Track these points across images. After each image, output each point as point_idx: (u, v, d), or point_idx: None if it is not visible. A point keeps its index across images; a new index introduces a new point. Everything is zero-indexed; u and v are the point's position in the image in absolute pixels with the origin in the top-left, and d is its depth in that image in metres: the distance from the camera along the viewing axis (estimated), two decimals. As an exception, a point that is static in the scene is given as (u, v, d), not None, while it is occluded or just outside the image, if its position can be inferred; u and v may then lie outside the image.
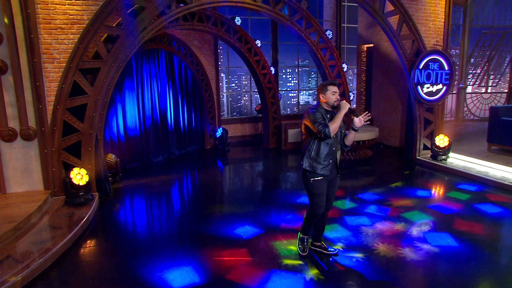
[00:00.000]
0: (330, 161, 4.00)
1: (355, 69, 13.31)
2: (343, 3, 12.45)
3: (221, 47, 12.81)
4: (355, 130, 4.00)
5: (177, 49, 10.03)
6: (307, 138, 4.06)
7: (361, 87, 12.75)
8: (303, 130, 4.08)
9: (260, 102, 11.60)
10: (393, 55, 10.29)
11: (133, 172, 8.66)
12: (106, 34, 6.58)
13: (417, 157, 9.02)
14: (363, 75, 12.61)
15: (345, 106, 3.90)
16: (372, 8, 8.26)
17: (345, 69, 10.05)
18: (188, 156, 10.39)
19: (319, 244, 4.48)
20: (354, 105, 13.12)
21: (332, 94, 3.97)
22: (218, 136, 10.89)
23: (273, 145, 11.22)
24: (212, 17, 9.52)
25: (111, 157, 7.74)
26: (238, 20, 10.26)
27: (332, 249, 4.46)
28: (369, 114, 4.04)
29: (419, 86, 8.64)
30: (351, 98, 10.34)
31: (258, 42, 10.74)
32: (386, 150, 10.73)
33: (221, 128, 10.92)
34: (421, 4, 8.69)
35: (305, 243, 4.45)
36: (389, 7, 8.44)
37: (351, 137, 4.09)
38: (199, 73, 10.66)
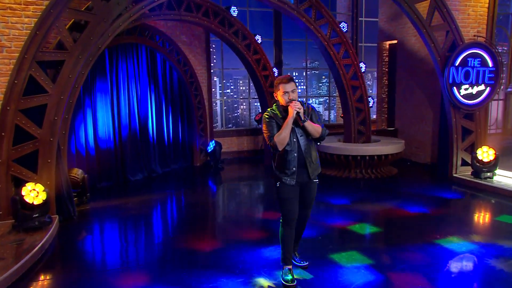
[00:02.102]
0: (294, 168, 4.14)
1: (375, 72, 13.14)
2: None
3: (214, 45, 12.66)
4: (303, 122, 4.00)
5: (161, 44, 9.85)
6: None
7: (382, 93, 12.54)
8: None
9: (260, 111, 11.38)
10: (422, 51, 10.07)
11: (105, 192, 8.52)
12: (72, 20, 6.39)
13: (454, 175, 8.71)
14: (384, 78, 12.41)
15: (291, 112, 3.93)
16: (396, -7, 8.09)
17: (362, 70, 9.81)
18: (173, 175, 10.18)
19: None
20: (374, 116, 12.87)
21: (283, 95, 4.03)
22: (209, 151, 10.72)
23: (276, 162, 10.87)
24: (203, 6, 9.39)
25: (77, 172, 7.51)
26: (234, 11, 10.08)
27: (303, 262, 4.67)
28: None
29: (455, 87, 8.37)
30: (371, 105, 10.06)
31: (258, 38, 10.54)
32: (414, 167, 10.39)
33: (213, 142, 10.75)
34: (457, -14, 8.56)
35: (288, 271, 4.31)
36: (418, -9, 8.26)
37: (310, 128, 4.08)
38: (187, 75, 10.44)
